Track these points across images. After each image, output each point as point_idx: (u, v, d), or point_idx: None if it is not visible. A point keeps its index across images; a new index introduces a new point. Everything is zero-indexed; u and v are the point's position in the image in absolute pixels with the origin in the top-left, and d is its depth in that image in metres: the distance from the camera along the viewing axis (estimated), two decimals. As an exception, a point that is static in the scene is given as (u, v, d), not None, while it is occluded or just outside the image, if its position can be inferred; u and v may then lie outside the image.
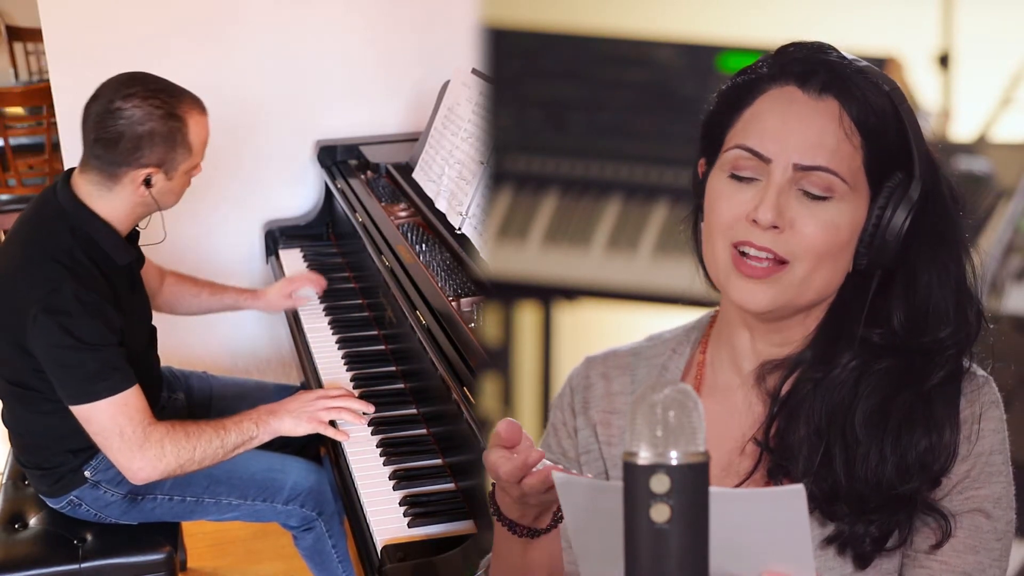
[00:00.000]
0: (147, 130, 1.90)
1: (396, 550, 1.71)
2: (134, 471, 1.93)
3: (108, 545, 2.07)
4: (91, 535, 2.09)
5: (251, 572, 2.78)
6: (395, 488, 1.89)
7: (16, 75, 5.43)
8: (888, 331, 1.05)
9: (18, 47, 5.44)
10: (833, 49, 1.06)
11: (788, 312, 1.07)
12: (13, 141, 4.13)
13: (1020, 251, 1.74)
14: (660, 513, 0.75)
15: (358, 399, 2.12)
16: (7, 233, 2.06)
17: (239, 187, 3.04)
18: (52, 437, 2.03)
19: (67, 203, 1.96)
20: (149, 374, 2.10)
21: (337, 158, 3.04)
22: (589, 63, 1.88)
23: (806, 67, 1.04)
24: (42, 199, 2.04)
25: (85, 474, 2.05)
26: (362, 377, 2.28)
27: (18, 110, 4.42)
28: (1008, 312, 1.72)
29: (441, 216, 2.37)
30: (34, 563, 2.03)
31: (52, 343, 1.86)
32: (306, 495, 2.16)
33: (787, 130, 1.03)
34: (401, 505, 1.84)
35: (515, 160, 1.91)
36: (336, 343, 2.45)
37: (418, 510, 1.82)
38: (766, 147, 1.03)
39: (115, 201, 1.97)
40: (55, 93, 2.85)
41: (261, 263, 3.13)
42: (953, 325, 1.04)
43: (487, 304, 1.98)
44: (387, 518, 1.82)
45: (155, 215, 2.08)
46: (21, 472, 2.23)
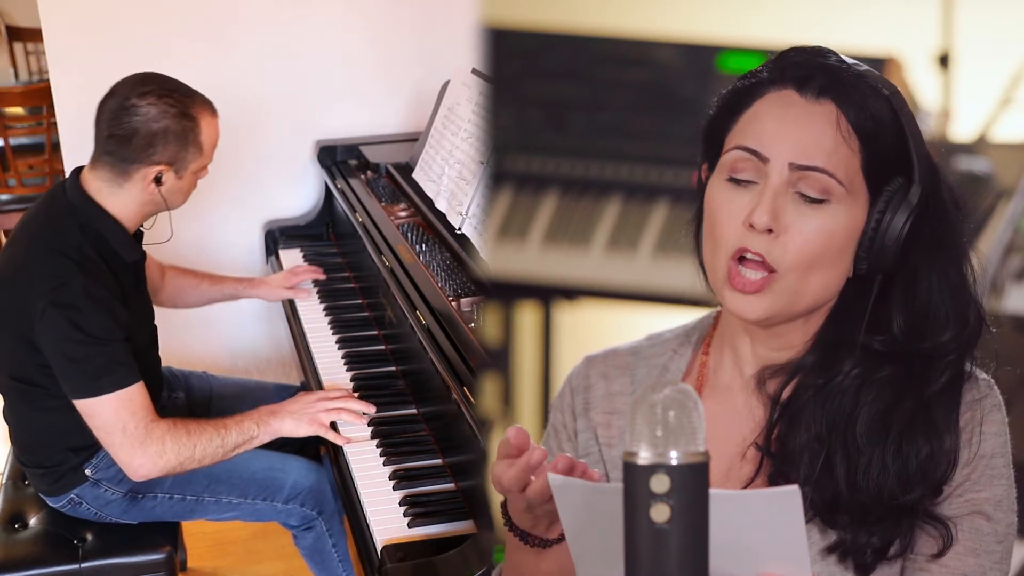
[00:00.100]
0: (161, 128, 1.92)
1: (396, 550, 1.71)
2: (134, 467, 1.93)
3: (108, 545, 2.07)
4: (91, 535, 2.09)
5: (251, 572, 2.78)
6: (395, 488, 1.89)
7: (16, 75, 5.43)
8: (889, 337, 1.05)
9: (18, 47, 5.44)
10: (833, 53, 1.06)
11: (786, 318, 1.07)
12: (13, 141, 4.13)
13: (1020, 251, 1.74)
14: (660, 513, 0.75)
15: (359, 400, 2.12)
16: (14, 229, 2.07)
17: (239, 187, 3.04)
18: (53, 435, 2.04)
19: (77, 199, 1.98)
20: (150, 373, 2.10)
21: (337, 158, 3.04)
22: (589, 63, 1.88)
23: (804, 71, 1.04)
24: (51, 196, 2.05)
25: (86, 472, 2.05)
26: (362, 377, 2.28)
27: (18, 110, 4.42)
28: (1008, 312, 1.72)
29: (441, 216, 2.37)
30: (34, 563, 2.03)
31: (59, 336, 1.87)
32: (306, 494, 2.16)
33: (784, 131, 1.03)
34: (401, 505, 1.84)
35: (515, 160, 1.91)
36: (336, 343, 2.45)
37: (418, 510, 1.82)
38: (763, 146, 1.03)
39: (125, 198, 1.99)
40: (55, 93, 2.85)
41: (261, 263, 3.13)
42: (954, 329, 1.04)
43: (487, 304, 1.98)
44: (387, 518, 1.81)
45: (161, 214, 2.10)
46: (21, 472, 2.23)
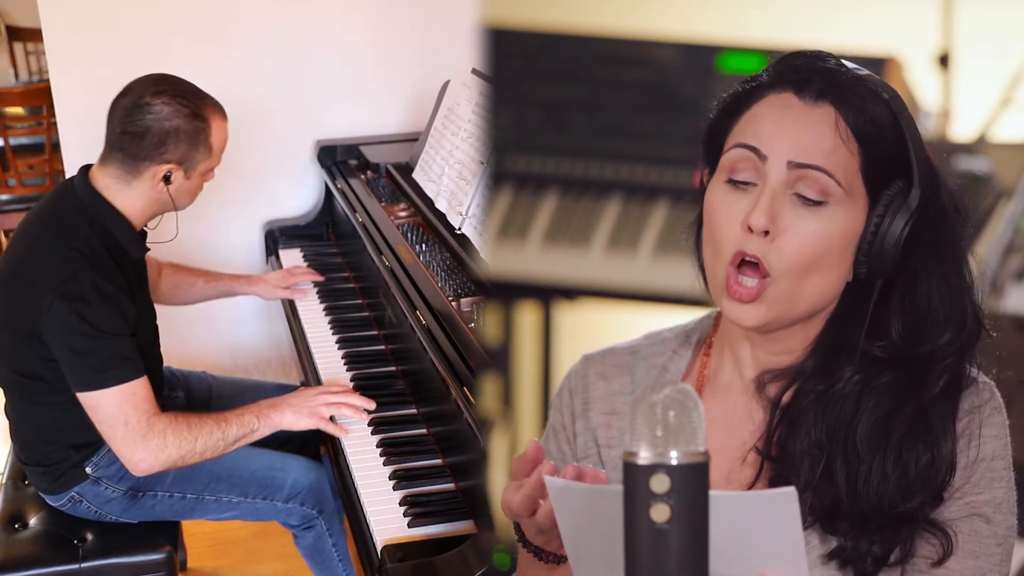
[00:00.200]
0: (173, 126, 1.96)
1: (396, 550, 1.71)
2: (136, 461, 1.94)
3: (108, 545, 2.07)
4: (91, 535, 2.09)
5: (251, 572, 2.78)
6: (395, 488, 1.89)
7: (16, 75, 5.43)
8: (888, 343, 1.04)
9: (18, 47, 5.44)
10: (832, 57, 1.06)
11: (785, 323, 1.06)
12: (13, 141, 4.13)
13: (1020, 251, 1.73)
14: (660, 513, 0.75)
15: (359, 396, 2.13)
16: (19, 225, 2.09)
17: (239, 187, 3.05)
18: (55, 431, 2.04)
19: (86, 196, 2.00)
20: (152, 372, 2.11)
21: (337, 158, 3.05)
22: (589, 63, 1.88)
23: (803, 74, 1.04)
24: (59, 192, 2.08)
25: (86, 470, 2.05)
26: (362, 377, 2.28)
27: (18, 110, 4.43)
28: (1008, 312, 1.72)
29: (441, 216, 2.37)
30: (34, 563, 2.03)
31: (66, 329, 1.89)
32: (306, 493, 2.17)
33: (783, 131, 1.03)
34: (401, 505, 1.84)
35: (515, 160, 1.91)
36: (336, 343, 2.45)
37: (418, 510, 1.82)
38: (762, 143, 1.03)
39: (133, 196, 2.01)
40: (55, 93, 2.86)
41: (261, 263, 3.13)
42: (952, 332, 1.04)
43: (487, 304, 1.98)
44: (387, 518, 1.82)
45: (167, 214, 2.13)
46: (21, 472, 2.23)
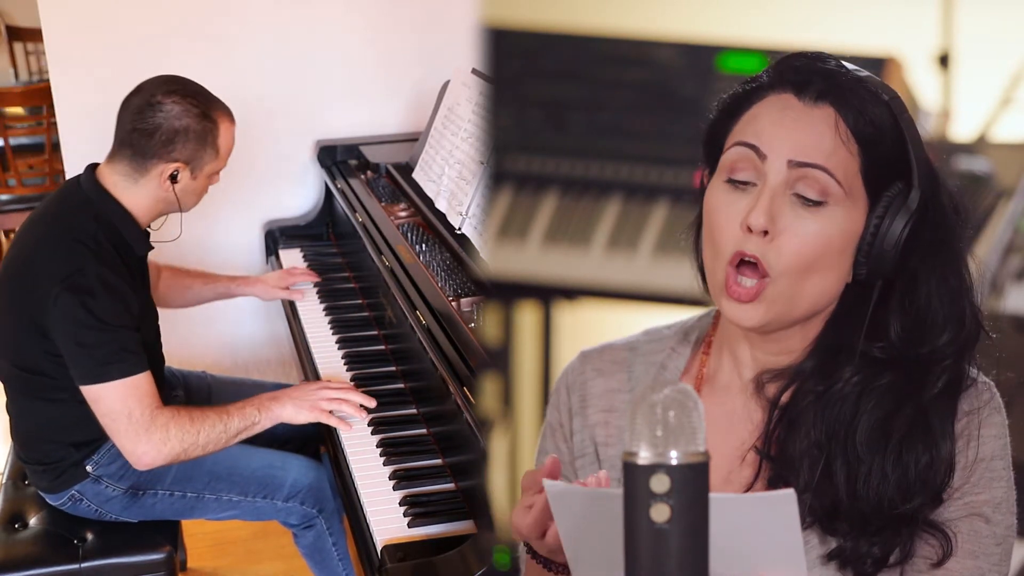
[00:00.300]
0: (183, 125, 1.99)
1: (396, 550, 1.71)
2: (139, 455, 1.95)
3: (108, 545, 2.07)
4: (91, 535, 2.09)
5: (251, 572, 2.78)
6: (395, 488, 1.89)
7: (16, 75, 5.43)
8: (888, 344, 1.04)
9: (18, 47, 5.44)
10: (832, 58, 1.06)
11: (784, 324, 1.06)
12: (13, 141, 4.13)
13: (1020, 251, 1.73)
14: (660, 513, 0.75)
15: (360, 393, 2.13)
16: (25, 222, 2.11)
17: (239, 187, 3.04)
18: (56, 429, 2.05)
19: (92, 192, 2.02)
20: (154, 372, 2.11)
21: (337, 158, 3.04)
22: (589, 63, 1.88)
23: (803, 75, 1.04)
24: (65, 189, 2.10)
25: (87, 468, 2.05)
26: (362, 377, 2.28)
27: (18, 110, 4.43)
28: (1008, 312, 1.72)
29: (441, 216, 2.37)
30: (34, 563, 2.03)
31: (72, 321, 1.90)
32: (306, 492, 2.17)
33: (783, 131, 1.03)
34: (401, 505, 1.84)
35: (515, 160, 1.91)
36: (336, 343, 2.45)
37: (418, 510, 1.82)
38: (762, 142, 1.03)
39: (140, 193, 2.03)
40: (55, 93, 2.86)
41: (261, 263, 3.13)
42: (951, 332, 1.04)
43: (487, 304, 1.98)
44: (387, 518, 1.82)
45: (171, 215, 2.15)
46: (21, 472, 2.23)
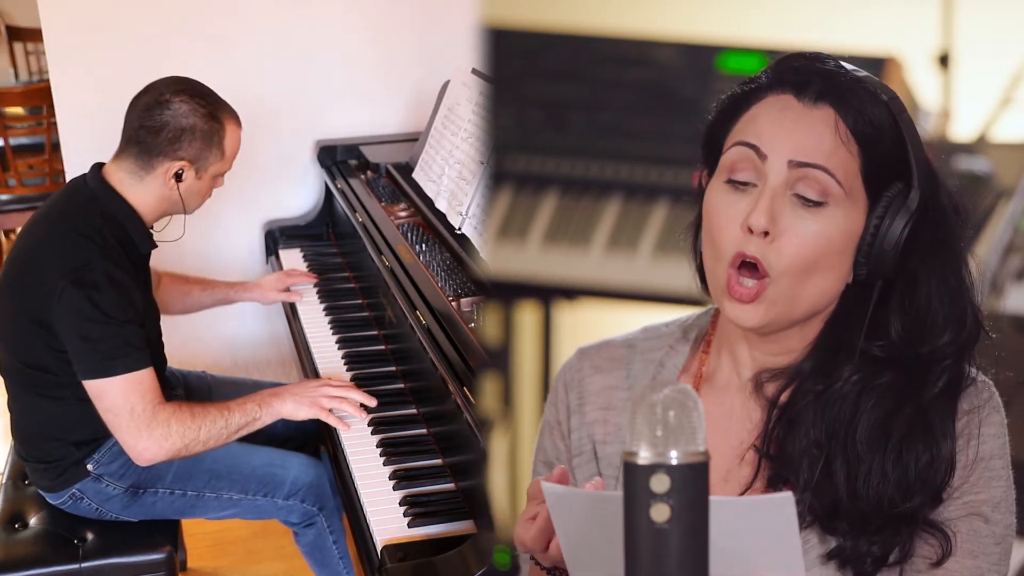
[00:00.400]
0: (189, 124, 2.01)
1: (396, 550, 1.71)
2: (140, 450, 1.95)
3: (108, 544, 2.07)
4: (91, 534, 2.09)
5: (251, 572, 2.78)
6: (395, 488, 1.89)
7: (16, 75, 5.43)
8: (888, 343, 1.04)
9: (18, 47, 5.44)
10: (831, 59, 1.06)
11: (784, 324, 1.06)
12: (13, 141, 4.13)
13: (1020, 251, 1.73)
14: (660, 513, 0.75)
15: (361, 391, 2.14)
16: (30, 218, 2.12)
17: (239, 187, 3.04)
18: (57, 427, 2.05)
19: (98, 189, 2.04)
20: (156, 371, 2.11)
21: (337, 158, 3.04)
22: (589, 63, 1.88)
23: (802, 76, 1.04)
24: (71, 187, 2.12)
25: (88, 467, 2.06)
26: (362, 377, 2.28)
27: (18, 110, 4.43)
28: (1008, 312, 1.72)
29: (441, 216, 2.37)
30: (34, 563, 2.03)
31: (77, 315, 1.91)
32: (307, 490, 2.17)
33: (783, 132, 1.03)
34: (401, 505, 1.84)
35: (515, 160, 1.91)
36: (336, 343, 2.45)
37: (418, 510, 1.82)
38: (762, 142, 1.03)
39: (145, 191, 2.05)
40: (55, 93, 2.86)
41: (261, 263, 3.13)
42: (951, 332, 1.04)
43: (487, 304, 1.98)
44: (387, 518, 1.82)
45: (175, 216, 2.17)
46: (22, 471, 2.23)
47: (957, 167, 1.75)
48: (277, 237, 3.05)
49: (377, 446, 2.02)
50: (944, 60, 1.82)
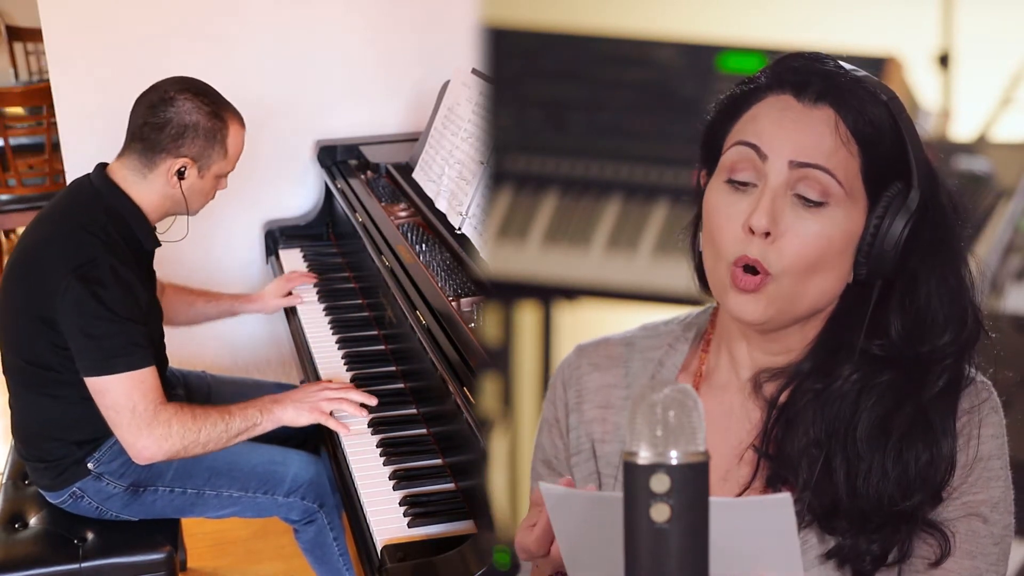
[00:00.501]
0: (192, 121, 2.02)
1: (396, 550, 1.71)
2: (139, 448, 1.95)
3: (108, 544, 2.07)
4: (91, 534, 2.09)
5: (251, 572, 2.78)
6: (395, 488, 1.89)
7: (16, 75, 5.43)
8: (888, 342, 1.04)
9: (18, 47, 5.44)
10: (831, 59, 1.06)
11: (784, 323, 1.06)
12: (13, 141, 4.14)
13: (1020, 251, 1.73)
14: (660, 513, 0.75)
15: (360, 391, 2.14)
16: (35, 217, 2.12)
17: (239, 187, 3.04)
18: (58, 426, 2.05)
19: (103, 187, 2.05)
20: (159, 371, 2.12)
21: (337, 158, 3.05)
22: (589, 63, 1.88)
23: (802, 76, 1.04)
24: (75, 186, 2.13)
25: (88, 466, 2.06)
26: (362, 377, 2.28)
27: (18, 110, 4.43)
28: (1008, 312, 1.72)
29: (441, 216, 2.37)
30: (34, 563, 2.03)
31: (82, 310, 1.91)
32: (307, 487, 2.18)
33: (783, 132, 1.03)
34: (401, 505, 1.84)
35: (515, 160, 1.91)
36: (336, 343, 2.45)
37: (418, 510, 1.82)
38: (763, 142, 1.03)
39: (148, 188, 2.06)
40: (55, 93, 2.86)
41: (261, 263, 3.13)
42: (952, 333, 1.04)
43: (487, 304, 1.98)
44: (387, 518, 1.82)
45: (177, 217, 2.18)
46: (22, 471, 2.24)
47: (957, 167, 1.75)
48: (277, 237, 3.05)
49: (377, 446, 2.02)
50: (944, 60, 1.82)
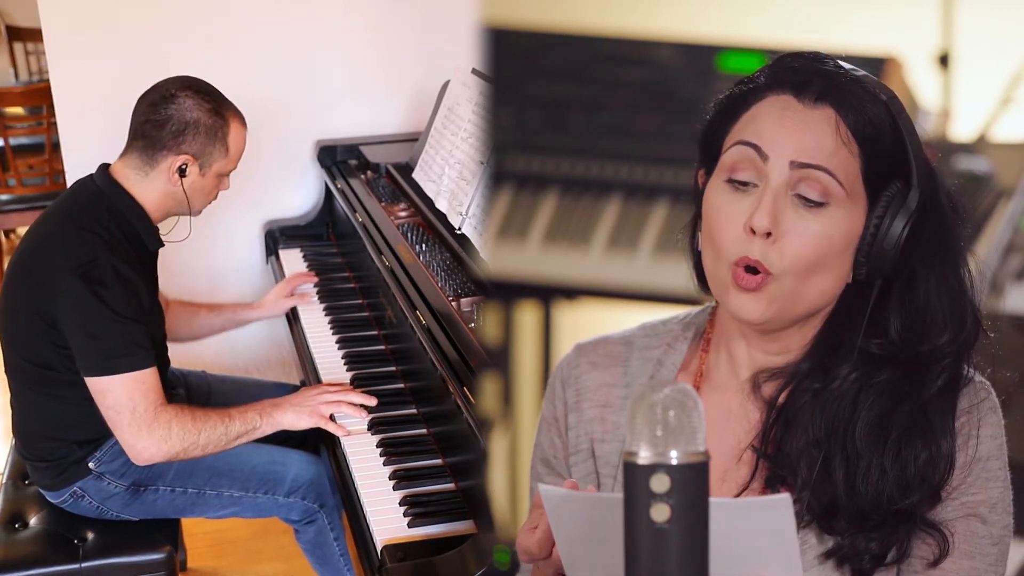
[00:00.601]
0: (194, 118, 2.03)
1: (396, 550, 1.71)
2: (139, 449, 1.96)
3: (108, 544, 2.07)
4: (91, 534, 2.09)
5: (251, 572, 2.78)
6: (395, 488, 1.89)
7: (16, 75, 5.43)
8: (887, 341, 1.04)
9: (18, 47, 5.44)
10: (830, 58, 1.05)
11: (785, 322, 1.06)
12: (13, 141, 4.13)
13: (1020, 251, 1.74)
14: (660, 513, 0.75)
15: (360, 393, 2.14)
16: (39, 217, 2.12)
17: (239, 187, 3.03)
18: (60, 426, 2.06)
19: (105, 186, 2.06)
20: (160, 372, 2.12)
21: (337, 158, 3.04)
22: (589, 63, 1.88)
23: (801, 76, 1.04)
24: (77, 186, 2.13)
25: (89, 465, 2.06)
26: (362, 377, 2.28)
27: (18, 110, 4.43)
28: (1008, 312, 1.72)
29: (441, 216, 2.37)
30: (34, 563, 2.03)
31: (83, 310, 1.91)
32: (307, 487, 2.18)
33: (784, 132, 1.03)
34: (401, 505, 1.84)
35: (515, 160, 1.91)
36: (336, 343, 2.45)
37: (418, 510, 1.82)
38: (764, 142, 1.03)
39: (150, 186, 2.07)
40: (55, 93, 2.86)
41: (261, 263, 3.13)
42: (951, 332, 1.04)
43: (487, 304, 1.98)
44: (387, 518, 1.82)
45: (181, 219, 2.19)
46: (22, 471, 2.24)
47: (957, 167, 1.75)
48: (277, 237, 3.05)
49: (377, 446, 2.02)
50: (944, 60, 1.82)
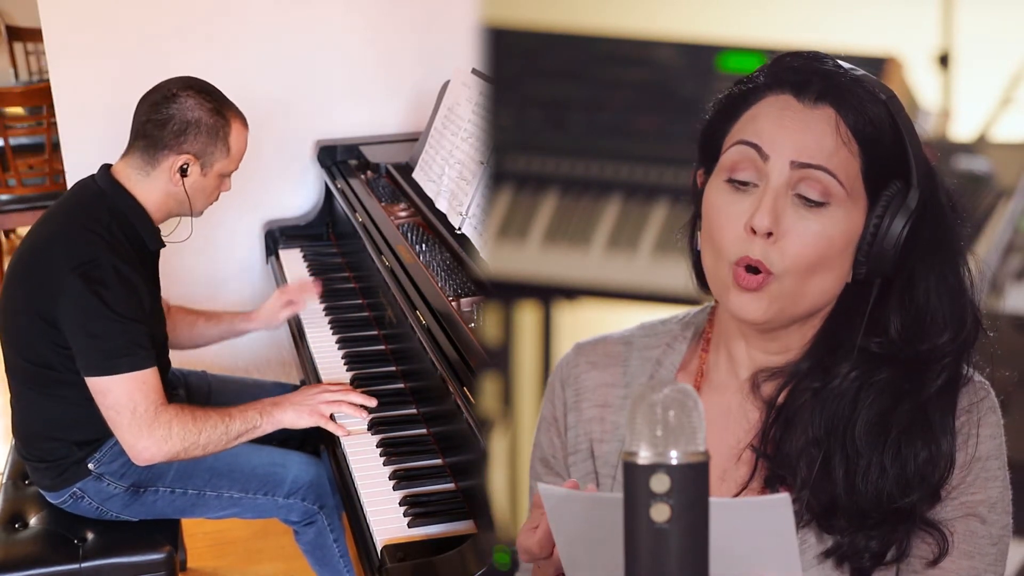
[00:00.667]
0: (195, 117, 2.03)
1: (396, 550, 1.71)
2: (139, 449, 1.95)
3: (108, 544, 2.07)
4: (91, 534, 2.09)
5: (251, 572, 2.78)
6: (395, 488, 1.89)
7: (16, 75, 5.43)
8: (886, 340, 1.04)
9: (18, 47, 5.44)
10: (829, 58, 1.05)
11: (784, 322, 1.06)
12: (13, 141, 4.13)
13: (1020, 251, 1.74)
14: (660, 513, 0.75)
15: (360, 393, 2.14)
16: (40, 217, 2.12)
17: (239, 187, 3.03)
18: (60, 426, 2.06)
19: (106, 186, 2.06)
20: (161, 373, 2.12)
21: (337, 158, 3.04)
22: (589, 63, 1.88)
23: (801, 76, 1.04)
24: (79, 186, 2.13)
25: (89, 466, 2.06)
26: (362, 377, 2.28)
27: (18, 110, 4.43)
28: (1008, 312, 1.72)
29: (441, 216, 2.37)
30: (34, 563, 2.03)
31: (84, 309, 1.91)
32: (307, 488, 2.17)
33: (784, 132, 1.03)
34: (401, 505, 1.84)
35: (515, 160, 1.92)
36: (336, 343, 2.45)
37: (418, 510, 1.82)
38: (764, 142, 1.03)
39: (151, 186, 2.07)
40: (55, 93, 2.86)
41: (261, 263, 3.13)
42: (951, 332, 1.04)
43: (487, 304, 1.98)
44: (387, 518, 1.82)
45: (183, 220, 2.19)
46: (22, 472, 2.23)
47: (957, 167, 1.75)
48: (277, 237, 3.05)
49: (377, 446, 2.02)
50: (944, 60, 1.82)
